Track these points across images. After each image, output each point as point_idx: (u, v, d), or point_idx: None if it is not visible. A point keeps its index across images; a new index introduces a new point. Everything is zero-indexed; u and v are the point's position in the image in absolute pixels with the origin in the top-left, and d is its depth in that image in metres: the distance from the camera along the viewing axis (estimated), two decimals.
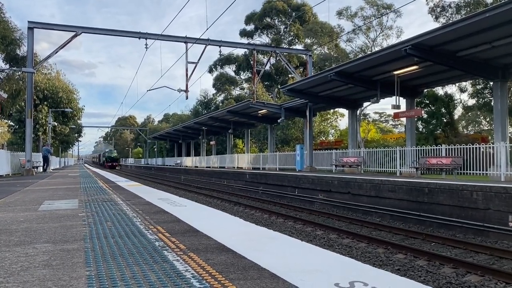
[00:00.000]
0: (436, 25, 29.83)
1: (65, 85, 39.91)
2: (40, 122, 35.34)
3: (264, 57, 51.01)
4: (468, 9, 27.78)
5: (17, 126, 38.34)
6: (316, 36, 41.86)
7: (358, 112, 24.51)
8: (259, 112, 27.63)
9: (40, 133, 35.96)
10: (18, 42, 24.58)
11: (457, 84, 29.96)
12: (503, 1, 10.50)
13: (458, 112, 35.73)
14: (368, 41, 39.04)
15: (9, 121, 38.95)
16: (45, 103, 36.28)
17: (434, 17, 30.12)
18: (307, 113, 23.14)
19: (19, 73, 25.12)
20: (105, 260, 3.05)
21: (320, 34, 41.08)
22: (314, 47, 42.19)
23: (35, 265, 2.92)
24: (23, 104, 28.86)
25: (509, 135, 15.16)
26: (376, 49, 32.50)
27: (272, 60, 45.50)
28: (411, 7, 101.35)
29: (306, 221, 11.66)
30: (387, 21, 37.76)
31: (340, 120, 43.43)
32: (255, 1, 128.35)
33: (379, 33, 38.28)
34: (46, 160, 27.31)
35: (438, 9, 29.79)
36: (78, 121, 47.25)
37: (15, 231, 4.32)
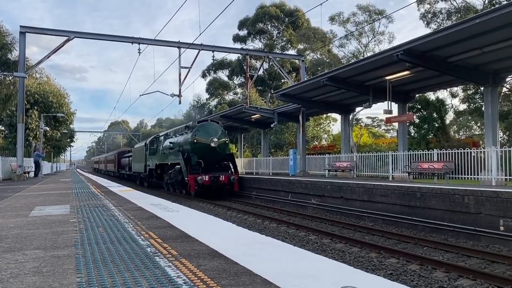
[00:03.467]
0: (428, 30, 30.25)
1: (56, 89, 39.60)
2: (30, 127, 35.01)
3: (257, 62, 51.14)
4: (459, 15, 28.18)
5: (7, 131, 37.97)
6: (309, 41, 42.12)
7: (350, 117, 24.63)
8: (252, 117, 27.62)
9: (31, 138, 35.62)
10: (9, 46, 24.38)
11: (448, 89, 30.32)
12: (492, 7, 10.63)
13: (449, 117, 36.15)
14: (360, 46, 39.40)
15: (0, 126, 38.56)
16: (36, 107, 35.98)
17: (425, 22, 30.54)
18: (300, 118, 23.21)
19: (10, 77, 24.91)
20: (96, 266, 3.02)
21: (312, 40, 41.35)
22: (307, 52, 42.40)
23: (25, 272, 2.89)
24: (13, 109, 28.61)
25: (499, 139, 15.30)
26: (368, 54, 32.75)
27: (265, 65, 45.63)
28: (403, 12, 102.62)
29: (299, 226, 11.66)
30: (379, 27, 38.20)
31: (333, 125, 43.69)
32: (246, 6, 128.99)
33: (371, 39, 38.68)
34: (37, 166, 27.06)
35: (430, 15, 30.20)
36: (70, 125, 46.86)
37: (5, 237, 4.27)
